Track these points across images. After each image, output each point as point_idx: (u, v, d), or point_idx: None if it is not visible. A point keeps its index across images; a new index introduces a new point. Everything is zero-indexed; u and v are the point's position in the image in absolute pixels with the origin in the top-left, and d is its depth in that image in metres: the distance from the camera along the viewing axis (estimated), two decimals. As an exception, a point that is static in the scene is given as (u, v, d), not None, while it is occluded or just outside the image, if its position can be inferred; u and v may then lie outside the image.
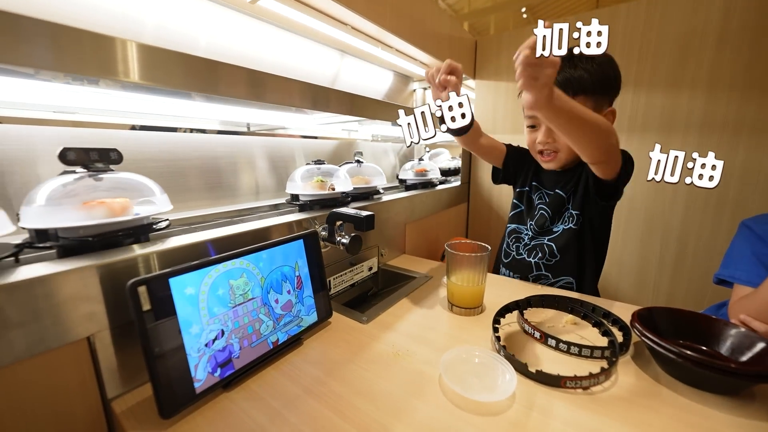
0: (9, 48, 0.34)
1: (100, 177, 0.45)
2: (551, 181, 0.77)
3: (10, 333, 0.34)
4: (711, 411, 0.39)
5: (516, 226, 0.82)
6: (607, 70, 0.62)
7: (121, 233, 0.46)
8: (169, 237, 0.51)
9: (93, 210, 0.43)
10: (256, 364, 0.46)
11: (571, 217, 0.72)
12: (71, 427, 0.39)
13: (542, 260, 0.75)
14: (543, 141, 0.68)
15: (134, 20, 0.63)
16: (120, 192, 0.46)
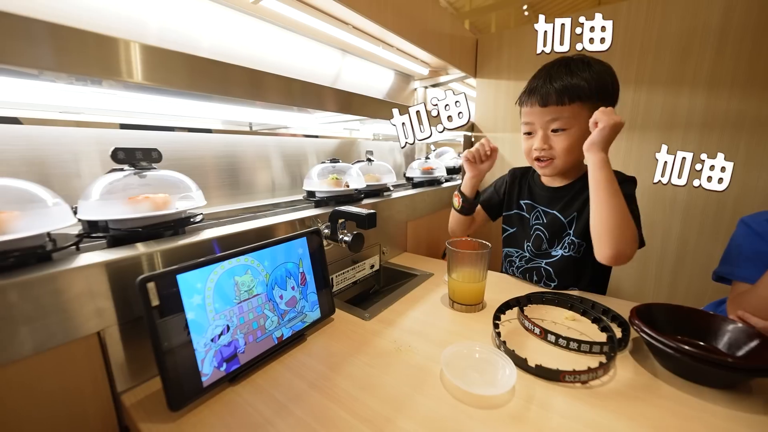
0: (16, 49, 0.35)
1: (144, 174, 0.50)
2: (546, 200, 0.75)
3: (26, 327, 0.35)
4: (708, 405, 0.40)
5: (508, 250, 0.82)
6: (605, 79, 0.62)
7: (162, 226, 0.50)
8: (203, 230, 0.55)
9: (139, 204, 0.47)
10: (261, 359, 0.47)
11: (572, 244, 0.70)
12: (83, 418, 0.40)
13: (540, 284, 0.74)
14: (539, 147, 0.67)
15: (138, 22, 0.64)
16: (161, 188, 0.50)
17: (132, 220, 0.47)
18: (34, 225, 0.38)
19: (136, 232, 0.47)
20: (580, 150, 0.65)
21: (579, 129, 0.63)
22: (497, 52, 1.35)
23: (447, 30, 1.18)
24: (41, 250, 0.39)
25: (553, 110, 0.63)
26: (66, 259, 0.40)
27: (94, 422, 0.41)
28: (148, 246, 0.46)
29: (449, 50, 1.21)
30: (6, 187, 0.39)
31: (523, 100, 0.69)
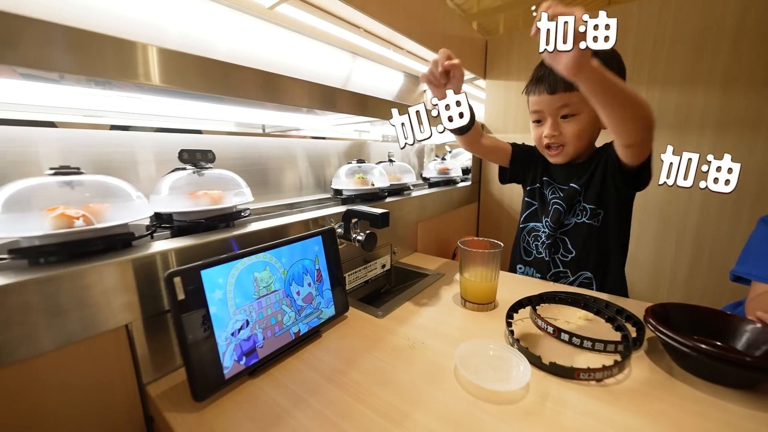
0: (42, 54, 0.36)
1: (202, 173, 0.56)
2: (563, 176, 0.76)
3: (61, 319, 0.37)
4: (727, 404, 0.39)
5: (533, 225, 0.82)
6: (611, 63, 0.62)
7: (217, 219, 0.56)
8: (251, 223, 0.61)
9: (199, 199, 0.54)
10: (278, 353, 0.49)
11: (584, 210, 0.71)
12: (112, 407, 0.42)
13: (558, 256, 0.75)
14: (549, 134, 0.67)
15: (159, 28, 0.67)
16: (216, 185, 0.57)
17: (193, 213, 0.53)
18: (121, 216, 0.44)
19: (196, 224, 0.53)
20: (590, 135, 0.67)
21: (588, 114, 0.64)
22: (507, 53, 1.36)
23: (457, 32, 1.19)
24: (126, 237, 0.45)
25: (562, 97, 0.64)
26: (145, 246, 0.46)
27: (121, 411, 0.43)
28: (207, 236, 0.52)
29: (459, 52, 1.21)
30: (100, 182, 0.45)
31: (531, 89, 0.69)
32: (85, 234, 0.40)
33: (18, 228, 0.38)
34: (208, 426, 0.38)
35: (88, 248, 0.41)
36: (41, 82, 0.42)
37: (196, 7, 0.71)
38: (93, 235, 0.41)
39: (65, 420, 0.39)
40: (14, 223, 0.38)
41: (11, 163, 0.48)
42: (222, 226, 0.56)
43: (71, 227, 0.39)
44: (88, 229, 0.40)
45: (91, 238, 0.41)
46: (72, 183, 0.43)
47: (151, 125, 0.65)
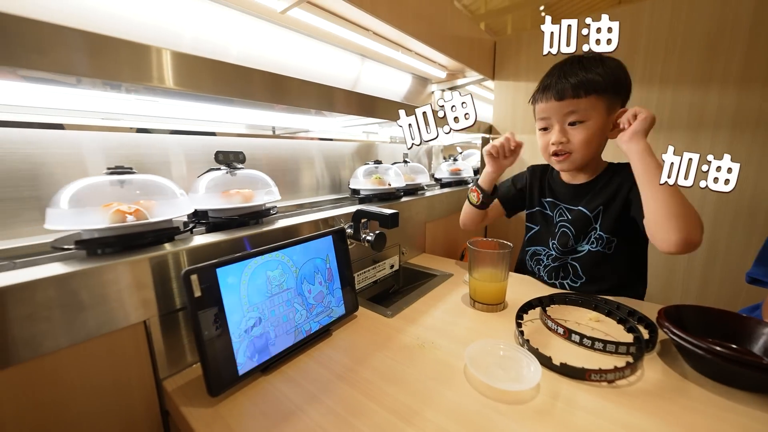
0: (65, 59, 0.37)
1: (234, 173, 0.60)
2: (569, 196, 0.74)
3: (82, 314, 0.38)
4: (742, 407, 0.39)
5: (534, 249, 0.81)
6: (618, 74, 0.63)
7: (248, 215, 0.59)
8: (277, 220, 0.65)
9: (231, 197, 0.57)
10: (290, 351, 0.50)
11: (599, 239, 0.69)
12: (130, 400, 0.43)
13: (566, 280, 0.73)
14: (557, 141, 0.66)
15: (174, 34, 0.69)
16: (247, 184, 0.60)
17: (227, 210, 0.57)
18: (167, 212, 0.48)
19: (230, 220, 0.57)
20: (597, 143, 0.66)
21: (596, 121, 0.63)
22: (515, 53, 1.35)
23: (465, 33, 1.19)
24: (171, 231, 0.49)
25: (569, 103, 0.64)
26: (188, 239, 0.51)
27: (139, 405, 0.44)
28: (238, 232, 0.55)
29: (468, 53, 1.22)
30: (149, 181, 0.49)
31: (537, 97, 0.69)
32: (136, 228, 0.45)
33: (80, 221, 0.42)
34: (223, 420, 0.39)
35: (139, 241, 0.45)
36: (61, 86, 0.44)
37: (209, 12, 0.73)
38: (143, 229, 0.45)
39: (86, 412, 0.40)
40: (77, 217, 0.42)
41: (57, 164, 0.53)
42: (252, 223, 0.60)
43: (124, 222, 0.43)
44: (139, 223, 0.44)
45: (142, 231, 0.45)
46: (124, 181, 0.47)
47: (168, 128, 0.67)
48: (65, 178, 0.53)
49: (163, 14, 0.65)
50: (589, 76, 0.61)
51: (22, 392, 0.35)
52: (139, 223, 0.44)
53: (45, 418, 0.37)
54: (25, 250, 0.45)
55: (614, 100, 0.63)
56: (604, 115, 0.63)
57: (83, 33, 0.37)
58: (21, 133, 0.49)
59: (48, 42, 0.34)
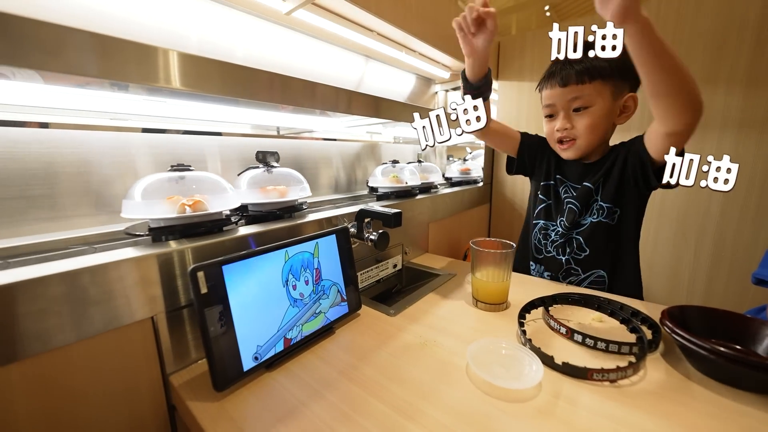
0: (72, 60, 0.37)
1: (271, 171, 0.66)
2: (576, 174, 0.74)
3: (90, 309, 0.39)
4: (746, 408, 0.39)
5: (544, 222, 0.80)
6: (625, 58, 0.60)
7: (283, 210, 0.65)
8: (308, 214, 0.70)
9: (269, 193, 0.64)
10: (294, 348, 0.50)
11: (601, 209, 0.69)
12: (137, 395, 0.44)
13: (571, 255, 0.74)
14: (561, 127, 0.66)
15: (181, 36, 0.70)
16: (282, 181, 0.67)
17: (265, 204, 0.63)
18: (219, 205, 0.53)
19: (267, 214, 0.64)
20: (603, 129, 0.66)
21: (601, 107, 0.63)
22: (519, 54, 1.35)
23: (469, 33, 1.19)
24: (222, 222, 0.55)
25: (574, 89, 0.63)
26: (233, 230, 0.56)
27: (146, 399, 0.45)
28: (276, 223, 0.61)
29: (471, 53, 1.22)
30: (203, 177, 0.55)
31: (543, 84, 0.70)
32: (194, 218, 0.51)
33: (149, 212, 0.49)
34: (228, 415, 0.39)
35: (196, 230, 0.51)
36: (71, 87, 0.45)
37: (215, 14, 0.74)
38: (200, 219, 0.52)
39: (95, 406, 0.41)
40: (147, 208, 0.49)
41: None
42: (287, 216, 0.66)
43: (184, 213, 0.49)
44: (196, 214, 0.50)
45: (199, 222, 0.52)
46: (184, 177, 0.53)
47: (174, 128, 0.68)
48: (75, 176, 0.55)
49: (170, 16, 0.66)
50: (594, 62, 0.61)
51: (35, 384, 0.36)
52: (196, 214, 0.50)
53: (56, 409, 0.38)
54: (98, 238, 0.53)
55: (621, 84, 0.63)
56: (610, 100, 0.63)
57: (94, 35, 0.38)
58: (32, 133, 0.51)
59: (61, 44, 0.35)
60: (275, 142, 0.88)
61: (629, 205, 0.68)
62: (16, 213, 0.49)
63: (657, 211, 1.07)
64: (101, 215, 0.58)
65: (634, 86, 0.65)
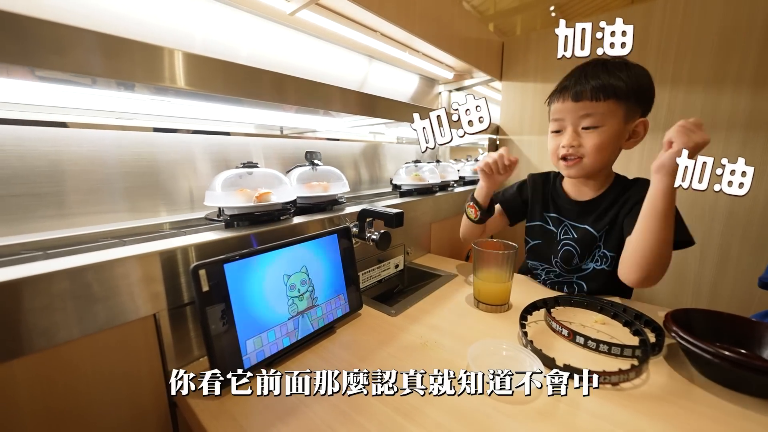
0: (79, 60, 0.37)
1: (315, 168, 0.74)
2: (575, 213, 0.71)
3: (92, 307, 0.39)
4: (750, 413, 0.38)
5: (532, 263, 0.79)
6: (643, 81, 0.60)
7: (325, 203, 0.74)
8: (346, 207, 0.77)
9: (314, 188, 0.72)
10: (294, 347, 0.50)
11: (604, 257, 0.67)
12: (139, 391, 0.45)
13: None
14: (568, 144, 0.64)
15: (186, 35, 0.70)
16: (324, 177, 0.75)
17: (311, 198, 0.71)
18: (279, 197, 0.61)
19: (312, 206, 0.72)
20: (610, 151, 0.63)
21: (612, 128, 0.61)
22: (524, 54, 1.34)
23: (473, 34, 1.19)
24: (281, 212, 0.62)
25: (586, 105, 0.61)
26: (288, 219, 0.64)
27: (147, 396, 0.46)
28: (318, 215, 0.69)
29: (475, 54, 1.22)
30: (267, 173, 0.63)
31: (554, 97, 0.67)
32: (260, 208, 0.58)
33: (226, 201, 0.56)
34: (229, 413, 0.40)
35: (261, 218, 0.59)
36: (77, 86, 0.45)
37: (220, 14, 0.74)
38: (264, 209, 0.59)
39: (98, 401, 0.41)
40: (225, 198, 0.56)
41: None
42: (328, 209, 0.74)
43: (251, 202, 0.56)
44: (262, 204, 0.58)
45: (264, 211, 0.59)
46: (252, 173, 0.60)
47: (179, 127, 0.68)
48: (81, 174, 0.55)
49: (175, 16, 0.67)
50: (611, 81, 0.59)
51: (40, 379, 0.37)
52: (262, 205, 0.58)
53: (60, 404, 0.38)
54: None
55: (634, 108, 0.61)
56: (621, 122, 0.60)
57: (99, 35, 0.39)
58: (40, 132, 0.51)
59: (67, 43, 0.36)
60: (277, 142, 0.88)
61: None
62: (24, 210, 0.50)
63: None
64: (107, 213, 0.58)
65: (646, 111, 0.63)
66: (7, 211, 0.49)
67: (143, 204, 0.62)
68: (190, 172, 0.69)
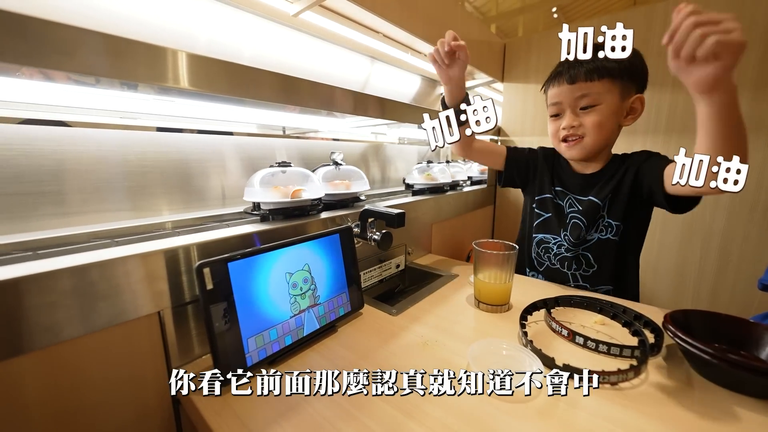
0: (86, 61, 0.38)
1: (338, 168, 0.81)
2: (579, 186, 0.73)
3: (98, 304, 0.40)
4: (748, 413, 0.39)
5: (543, 236, 0.79)
6: (634, 60, 0.62)
7: (348, 200, 0.80)
8: (365, 204, 0.81)
9: (337, 186, 0.78)
10: (296, 345, 0.51)
11: (609, 226, 0.69)
12: (143, 388, 0.45)
13: (578, 271, 0.73)
14: (568, 125, 0.65)
15: (190, 36, 0.71)
16: (346, 176, 0.82)
17: (335, 195, 0.77)
18: (309, 194, 0.66)
19: (336, 202, 0.79)
20: (610, 128, 0.65)
21: (609, 105, 0.62)
22: (525, 56, 1.35)
23: (475, 36, 1.20)
24: (312, 207, 0.69)
25: (582, 86, 0.62)
26: (317, 214, 0.70)
27: (151, 392, 0.46)
28: (341, 211, 0.75)
29: (477, 55, 1.22)
30: (299, 172, 0.69)
31: (549, 83, 0.68)
32: (293, 204, 0.64)
33: (263, 197, 0.63)
34: (231, 409, 0.40)
35: (293, 213, 0.66)
36: (83, 86, 0.46)
37: (224, 15, 0.75)
38: (297, 204, 0.65)
39: (102, 398, 0.42)
40: (263, 194, 0.63)
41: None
42: (351, 205, 0.80)
43: (287, 198, 0.63)
44: (295, 200, 0.64)
45: (296, 206, 0.65)
46: (285, 171, 0.67)
47: (183, 127, 0.69)
48: (85, 174, 0.56)
49: (179, 17, 0.68)
50: (603, 63, 0.61)
51: (46, 375, 0.37)
52: (295, 201, 0.64)
53: (65, 400, 0.39)
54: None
55: (629, 86, 0.63)
56: (617, 100, 0.62)
57: (107, 36, 0.39)
58: (45, 131, 0.52)
59: (76, 45, 0.36)
60: (280, 142, 0.89)
61: (636, 220, 0.68)
62: (27, 208, 0.50)
63: (663, 215, 1.05)
64: (109, 212, 0.59)
65: (641, 88, 0.64)
66: (15, 208, 0.49)
67: (145, 203, 0.63)
68: (194, 171, 0.69)
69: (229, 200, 0.76)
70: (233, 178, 0.77)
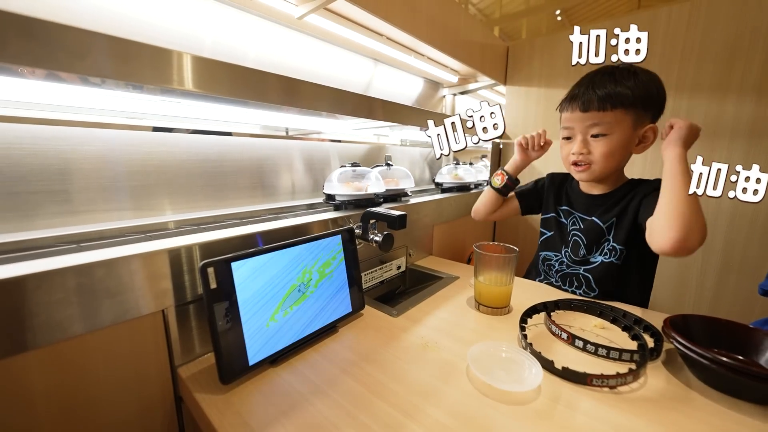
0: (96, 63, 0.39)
1: (389, 168, 0.98)
2: (585, 206, 0.75)
3: (104, 302, 0.40)
4: (747, 419, 0.39)
5: (546, 254, 0.81)
6: (650, 88, 0.62)
7: (396, 196, 0.96)
8: (409, 200, 0.97)
9: (389, 183, 0.94)
10: (297, 345, 0.51)
11: (613, 250, 0.69)
12: (147, 386, 0.46)
13: (579, 291, 0.73)
14: (577, 152, 0.67)
15: (196, 39, 0.72)
16: (395, 175, 0.99)
17: (388, 190, 0.92)
18: (374, 189, 0.83)
19: (388, 197, 0.93)
20: (619, 157, 0.66)
21: (620, 135, 0.63)
22: (528, 59, 1.35)
23: (478, 38, 1.20)
24: (375, 202, 0.83)
25: (593, 115, 0.63)
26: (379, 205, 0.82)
27: (155, 390, 0.47)
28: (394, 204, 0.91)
29: (480, 58, 1.23)
30: (365, 170, 0.85)
31: (564, 106, 0.69)
32: (360, 197, 0.80)
33: (338, 190, 0.79)
34: (234, 407, 0.41)
35: (360, 204, 0.80)
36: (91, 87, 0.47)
37: (229, 18, 0.76)
38: (363, 197, 0.80)
39: (107, 394, 0.42)
40: (340, 188, 0.79)
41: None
42: (399, 201, 0.95)
43: (360, 192, 0.79)
44: (362, 194, 0.80)
45: (363, 199, 0.80)
46: (355, 170, 0.83)
47: (186, 127, 0.70)
48: (91, 173, 0.57)
49: (185, 19, 0.68)
50: (618, 89, 0.61)
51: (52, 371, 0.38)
52: (362, 194, 0.79)
53: (70, 397, 0.40)
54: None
55: (643, 114, 0.63)
56: (629, 129, 0.63)
57: (114, 38, 0.40)
58: (52, 131, 0.53)
59: (85, 47, 0.37)
60: (282, 143, 0.89)
61: (638, 245, 0.66)
62: (33, 206, 0.51)
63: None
64: (113, 211, 0.60)
65: (656, 117, 0.65)
66: (26, 206, 0.50)
67: (151, 201, 0.64)
68: (195, 171, 0.70)
69: (231, 201, 0.77)
70: (244, 178, 0.79)
